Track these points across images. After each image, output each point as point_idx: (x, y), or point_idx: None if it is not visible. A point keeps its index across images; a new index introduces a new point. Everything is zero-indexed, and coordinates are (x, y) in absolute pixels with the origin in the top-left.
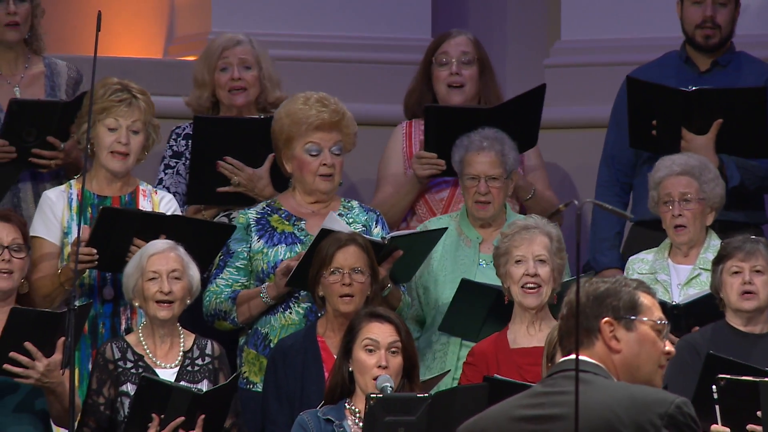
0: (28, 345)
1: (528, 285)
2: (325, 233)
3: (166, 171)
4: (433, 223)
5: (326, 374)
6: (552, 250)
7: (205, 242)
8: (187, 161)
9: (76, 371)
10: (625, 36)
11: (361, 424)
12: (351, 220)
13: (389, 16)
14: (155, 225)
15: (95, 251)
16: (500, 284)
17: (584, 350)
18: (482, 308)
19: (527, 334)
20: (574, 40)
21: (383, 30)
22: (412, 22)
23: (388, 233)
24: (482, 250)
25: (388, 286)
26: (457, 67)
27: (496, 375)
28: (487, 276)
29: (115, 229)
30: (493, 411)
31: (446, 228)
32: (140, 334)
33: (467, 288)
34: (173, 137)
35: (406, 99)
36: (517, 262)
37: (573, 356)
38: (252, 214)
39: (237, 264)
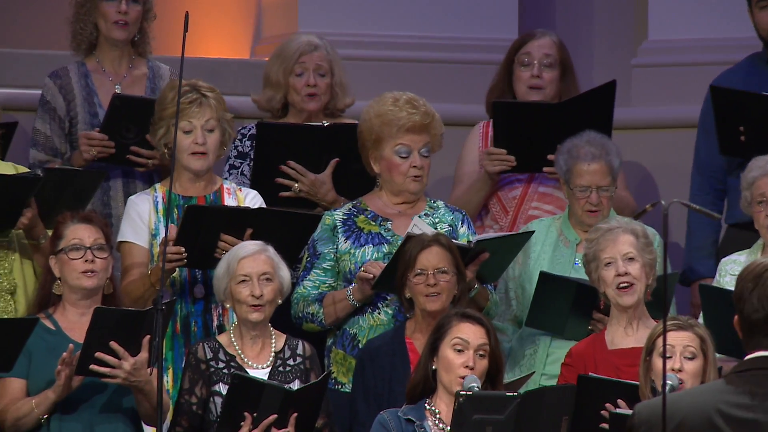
0: (113, 344)
1: (621, 284)
2: (410, 239)
3: (231, 171)
4: (534, 225)
5: None
6: (639, 247)
7: (292, 234)
8: (251, 162)
9: (170, 370)
10: (712, 36)
11: (441, 425)
12: (437, 220)
13: (476, 16)
14: (241, 220)
15: (183, 250)
16: (580, 277)
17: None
18: (565, 302)
19: (625, 334)
20: (661, 40)
21: (470, 30)
22: (499, 22)
23: (474, 233)
24: (579, 250)
25: (476, 287)
26: (538, 70)
27: (590, 373)
28: (581, 275)
29: (202, 227)
30: (692, 399)
31: (533, 232)
32: (232, 335)
33: (547, 281)
34: (238, 138)
35: (487, 97)
36: (607, 264)
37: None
38: (338, 215)
39: (324, 265)
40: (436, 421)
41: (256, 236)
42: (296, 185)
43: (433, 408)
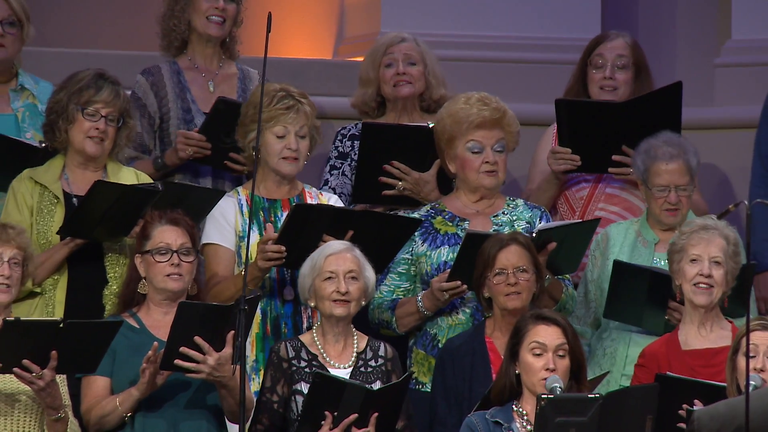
0: (197, 339)
1: (700, 284)
2: (472, 238)
3: (332, 172)
4: (613, 229)
5: (494, 375)
6: (728, 253)
7: (390, 238)
8: (353, 162)
9: (261, 371)
10: None
11: (528, 426)
12: (515, 218)
13: (558, 16)
14: (345, 220)
15: (284, 248)
16: (652, 266)
17: None
18: (640, 292)
19: (698, 335)
20: (744, 40)
21: (553, 30)
22: (582, 23)
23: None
24: (657, 250)
25: (547, 277)
26: (611, 71)
27: (668, 372)
28: None
29: (306, 226)
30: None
31: (599, 219)
32: (314, 334)
33: (621, 270)
34: (339, 138)
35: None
36: (693, 260)
37: None
38: (416, 217)
39: (399, 270)
40: (524, 423)
41: (355, 238)
42: (400, 184)
43: (521, 410)
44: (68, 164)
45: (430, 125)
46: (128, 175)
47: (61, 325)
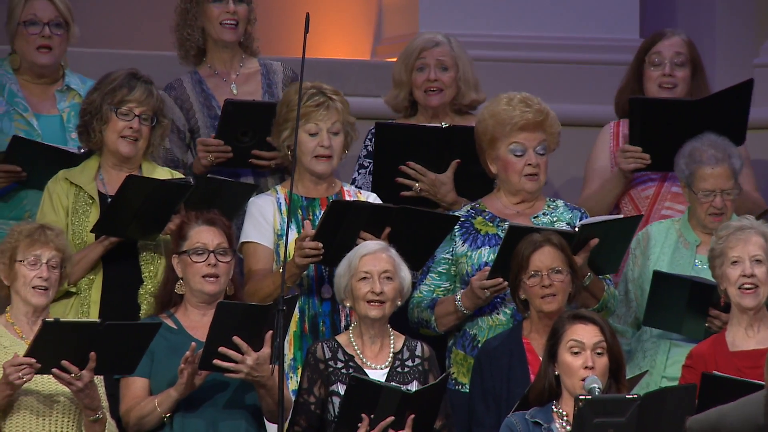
0: (236, 339)
1: (745, 286)
2: (515, 231)
3: (360, 171)
4: (654, 228)
5: (532, 376)
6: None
7: (426, 236)
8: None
9: (299, 370)
10: None
11: (568, 427)
12: (555, 219)
13: (597, 16)
14: (382, 217)
15: (321, 245)
16: (694, 275)
17: None
18: (680, 300)
19: (746, 336)
20: None
21: (591, 30)
22: (620, 23)
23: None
24: (699, 252)
25: (588, 275)
26: (670, 68)
27: (714, 372)
28: (701, 276)
29: (344, 223)
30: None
31: (641, 216)
32: (351, 335)
33: (661, 280)
34: (368, 137)
35: (617, 97)
36: (734, 263)
37: None
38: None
39: (439, 269)
40: (563, 423)
41: (392, 235)
42: (417, 185)
43: (560, 410)
44: (103, 165)
45: (444, 125)
46: (163, 174)
47: (100, 327)
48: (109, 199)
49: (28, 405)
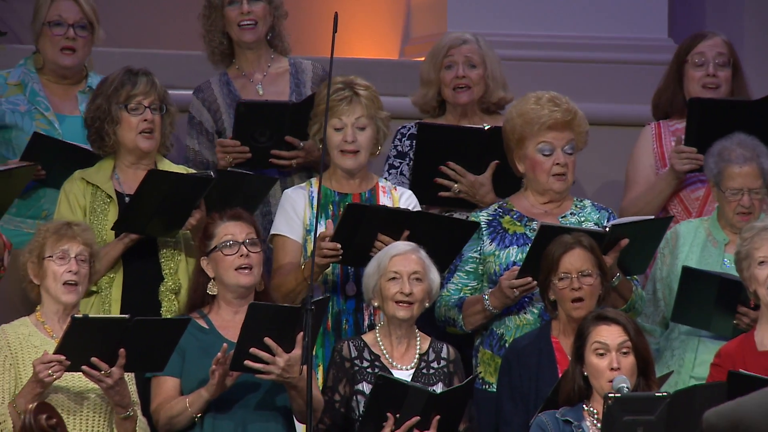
0: (267, 341)
1: None
2: (546, 231)
3: (390, 171)
4: (683, 227)
5: (560, 375)
6: None
7: (447, 240)
8: (411, 162)
9: (320, 367)
10: None
11: (599, 425)
12: (583, 219)
13: (625, 15)
14: (399, 221)
15: (339, 246)
16: (722, 271)
17: None
18: (709, 296)
19: None
20: None
21: (619, 30)
22: (648, 22)
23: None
24: (727, 251)
25: (617, 275)
26: (713, 68)
27: (741, 370)
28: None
29: (360, 225)
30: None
31: (671, 217)
32: (378, 334)
33: (689, 276)
34: (398, 137)
35: (655, 99)
36: (761, 263)
37: None
38: (484, 216)
39: (467, 268)
40: (594, 422)
41: (412, 238)
42: (456, 186)
43: (591, 409)
44: (118, 165)
45: (486, 127)
46: (179, 170)
47: (129, 323)
48: (127, 198)
49: (58, 402)
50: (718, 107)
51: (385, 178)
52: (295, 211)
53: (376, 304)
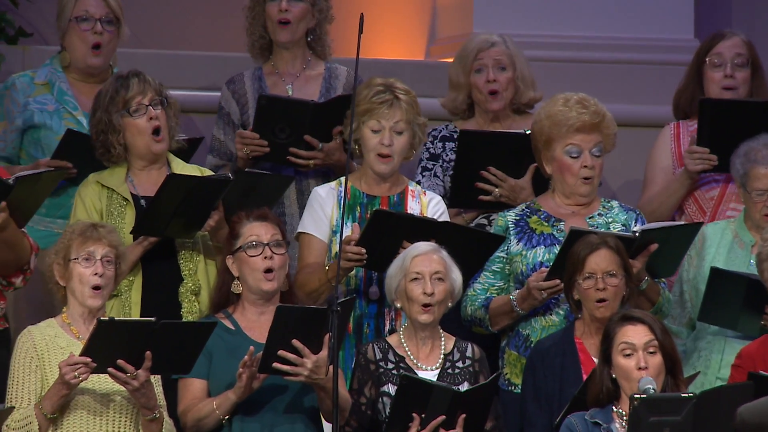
0: (295, 342)
1: None
2: (575, 235)
3: (424, 173)
4: (710, 228)
5: (584, 376)
6: None
7: (473, 251)
8: (444, 163)
9: (340, 371)
10: None
11: (627, 426)
12: (610, 220)
13: (652, 16)
14: (425, 230)
15: (364, 251)
16: (751, 272)
17: None
18: (737, 297)
19: None
20: None
21: (646, 30)
22: (675, 23)
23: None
24: (754, 252)
25: (645, 279)
26: (731, 69)
27: (761, 371)
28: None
29: (386, 231)
30: None
31: (701, 223)
32: (401, 336)
33: (718, 276)
34: (430, 139)
35: (675, 99)
36: None
37: None
38: (511, 216)
39: (493, 268)
40: (623, 423)
41: None
42: (497, 191)
43: (620, 410)
44: (131, 169)
45: (527, 132)
46: (192, 171)
47: (156, 326)
48: (142, 200)
49: (84, 404)
50: (729, 108)
51: (418, 181)
52: (323, 211)
53: (398, 305)
